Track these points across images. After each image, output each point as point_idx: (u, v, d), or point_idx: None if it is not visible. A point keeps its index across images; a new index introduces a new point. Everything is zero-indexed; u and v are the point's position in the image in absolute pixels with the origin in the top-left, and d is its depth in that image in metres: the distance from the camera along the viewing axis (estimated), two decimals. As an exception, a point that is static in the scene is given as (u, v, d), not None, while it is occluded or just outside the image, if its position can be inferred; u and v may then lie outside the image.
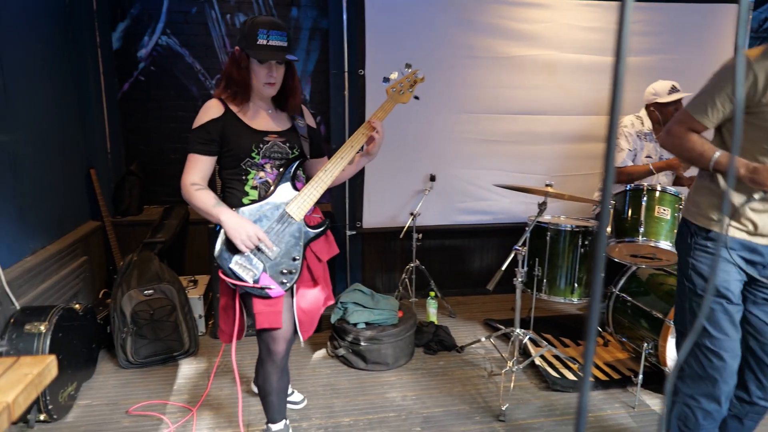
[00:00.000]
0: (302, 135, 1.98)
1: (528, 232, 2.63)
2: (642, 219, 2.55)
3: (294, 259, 1.88)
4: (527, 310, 3.19)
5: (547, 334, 3.27)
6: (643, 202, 2.56)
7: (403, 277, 3.65)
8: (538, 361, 2.85)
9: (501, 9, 3.50)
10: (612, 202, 2.70)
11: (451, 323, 3.44)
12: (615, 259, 2.83)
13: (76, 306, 2.56)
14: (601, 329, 3.12)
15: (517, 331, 2.71)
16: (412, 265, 3.57)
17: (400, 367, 2.88)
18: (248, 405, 2.49)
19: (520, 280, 2.64)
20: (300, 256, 1.89)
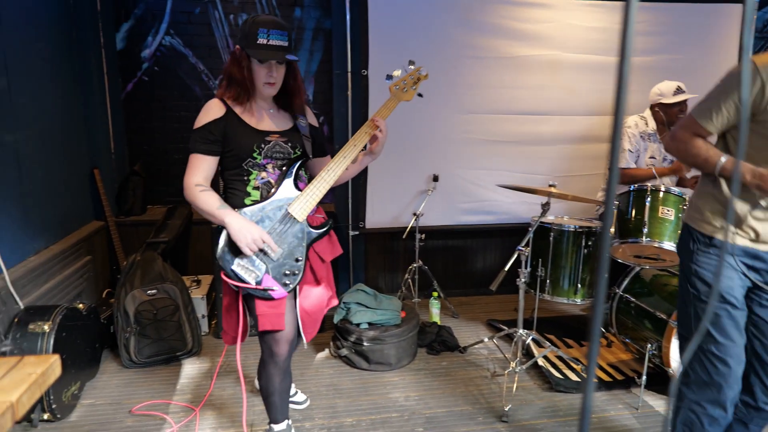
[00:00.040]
0: (304, 134, 1.96)
1: (531, 233, 2.63)
2: (646, 219, 2.54)
3: (297, 260, 1.87)
4: (530, 310, 3.19)
5: (550, 334, 3.26)
6: (647, 203, 2.55)
7: (406, 278, 3.65)
8: (541, 362, 2.85)
9: (504, 9, 3.49)
10: (615, 202, 2.69)
11: (454, 324, 3.43)
12: (618, 260, 2.83)
13: (80, 306, 2.57)
14: (604, 330, 3.11)
15: (520, 332, 2.70)
16: (415, 266, 3.57)
17: (403, 368, 2.88)
18: (252, 405, 2.49)
19: (523, 281, 2.63)
20: (303, 257, 1.88)
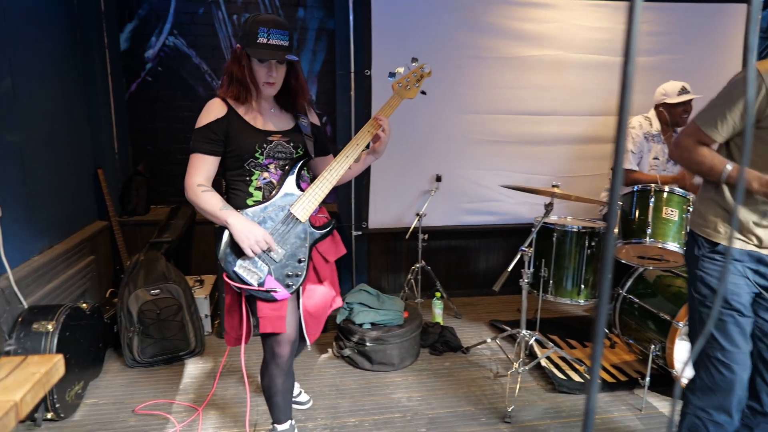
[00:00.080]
0: (306, 134, 1.93)
1: (534, 233, 2.62)
2: (649, 220, 2.53)
3: (300, 261, 1.86)
4: (533, 311, 3.18)
5: (554, 335, 3.26)
6: (651, 203, 2.54)
7: (408, 278, 3.65)
8: (544, 363, 2.84)
9: (508, 9, 3.49)
10: (619, 203, 2.68)
11: (457, 324, 3.43)
12: (622, 261, 2.82)
13: (84, 305, 2.57)
14: (607, 331, 3.10)
15: (523, 333, 2.70)
16: (417, 266, 3.57)
17: (406, 368, 2.88)
18: (255, 405, 2.50)
19: (526, 281, 2.63)
20: (306, 257, 1.87)
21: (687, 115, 3.04)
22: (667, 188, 2.57)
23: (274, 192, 1.85)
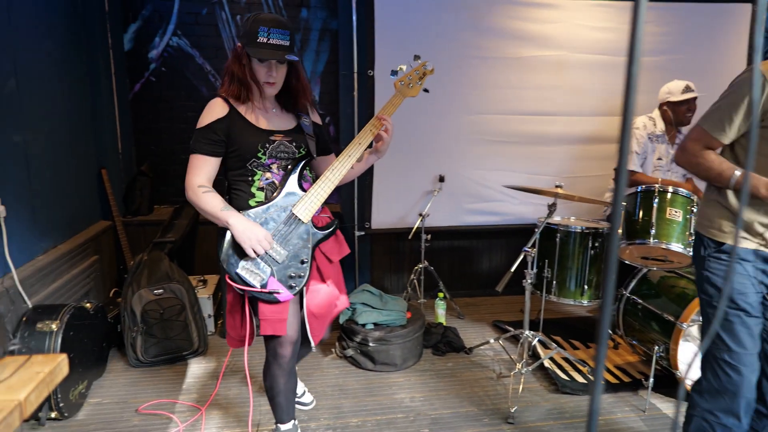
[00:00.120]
0: (308, 134, 1.92)
1: (538, 234, 2.61)
2: (653, 221, 2.52)
3: (302, 262, 1.85)
4: (536, 311, 3.17)
5: (557, 336, 3.25)
6: (655, 204, 2.54)
7: (411, 278, 3.64)
8: (548, 364, 2.84)
9: (511, 9, 3.49)
10: (623, 203, 2.68)
11: (460, 324, 3.43)
12: (626, 261, 2.81)
13: (87, 305, 2.58)
14: (611, 332, 3.09)
15: (526, 333, 2.69)
16: (420, 266, 3.56)
17: (409, 369, 2.88)
18: (258, 405, 2.50)
19: (529, 282, 2.62)
20: (308, 258, 1.86)
21: (691, 113, 3.02)
22: (671, 189, 2.56)
23: (276, 193, 1.84)
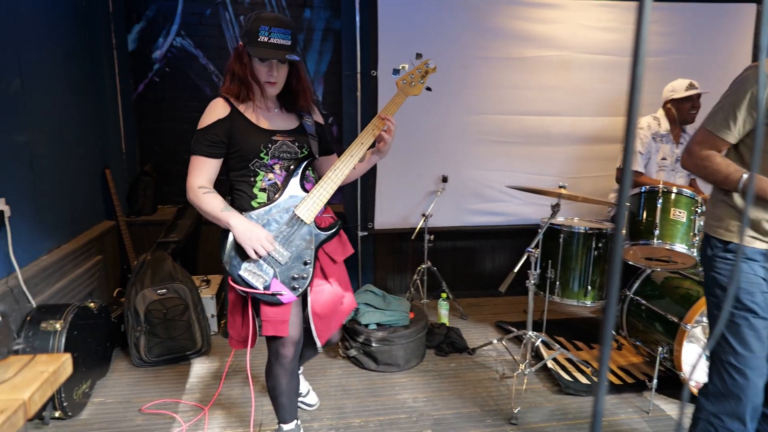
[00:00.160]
0: (311, 134, 1.90)
1: (541, 234, 2.61)
2: (657, 221, 2.51)
3: (305, 264, 1.84)
4: (540, 312, 3.16)
5: (560, 336, 3.24)
6: (659, 204, 2.52)
7: (414, 279, 3.64)
8: (551, 364, 2.83)
9: (514, 9, 3.48)
10: (626, 204, 2.67)
11: (463, 325, 3.42)
12: (629, 262, 2.80)
13: (91, 304, 2.59)
14: (615, 333, 3.09)
15: (530, 334, 2.69)
16: (423, 267, 3.56)
17: (411, 369, 2.87)
18: (260, 405, 2.50)
19: (532, 283, 2.62)
20: (312, 259, 1.85)
21: (695, 111, 3.02)
22: (675, 189, 2.54)
23: (278, 194, 1.83)
